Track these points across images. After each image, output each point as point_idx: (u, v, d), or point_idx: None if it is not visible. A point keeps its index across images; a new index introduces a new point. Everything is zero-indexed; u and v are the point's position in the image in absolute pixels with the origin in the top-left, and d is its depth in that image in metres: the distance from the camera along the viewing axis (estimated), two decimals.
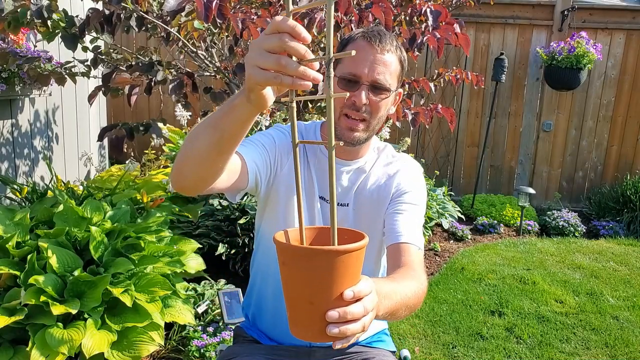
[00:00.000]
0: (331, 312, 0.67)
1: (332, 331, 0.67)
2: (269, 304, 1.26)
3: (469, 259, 3.49)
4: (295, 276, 0.68)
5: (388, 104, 1.12)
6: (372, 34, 1.07)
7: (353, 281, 0.68)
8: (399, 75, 1.12)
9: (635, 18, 4.73)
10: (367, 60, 1.06)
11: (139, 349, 1.82)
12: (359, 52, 1.06)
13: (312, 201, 1.19)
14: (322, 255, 0.65)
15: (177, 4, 1.49)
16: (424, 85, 2.47)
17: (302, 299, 0.68)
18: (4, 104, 2.78)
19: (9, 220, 2.01)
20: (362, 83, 1.07)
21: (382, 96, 1.08)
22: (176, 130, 3.81)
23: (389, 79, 1.08)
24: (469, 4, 3.01)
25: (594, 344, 2.46)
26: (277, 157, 1.16)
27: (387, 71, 1.07)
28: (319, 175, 1.20)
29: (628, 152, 4.98)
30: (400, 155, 1.27)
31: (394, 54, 1.09)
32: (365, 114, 1.09)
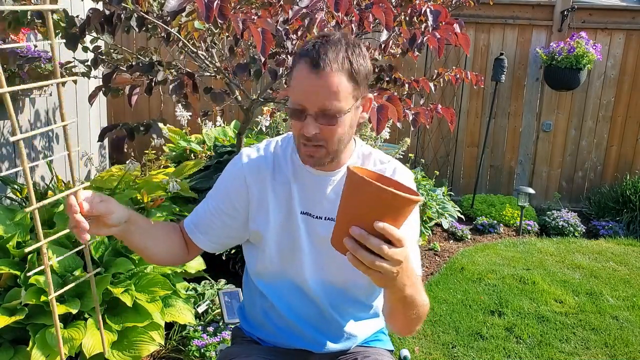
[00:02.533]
0: (355, 228, 0.78)
1: (347, 243, 0.79)
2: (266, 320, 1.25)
3: (468, 259, 3.49)
4: (353, 196, 0.80)
5: (345, 124, 1.03)
6: (312, 56, 0.98)
7: (393, 223, 0.78)
8: (352, 91, 1.01)
9: (635, 18, 4.74)
10: (310, 87, 0.98)
11: (140, 349, 1.83)
12: (302, 80, 0.99)
13: (291, 217, 1.15)
14: (385, 194, 0.76)
15: (177, 5, 1.49)
16: (423, 85, 2.48)
17: (349, 213, 0.81)
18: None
19: (10, 220, 2.01)
20: (308, 113, 1.00)
21: (332, 122, 1.00)
22: (176, 130, 3.81)
23: (337, 102, 0.99)
24: (468, 4, 3.01)
25: (594, 344, 2.46)
26: (239, 197, 1.16)
27: (332, 95, 0.98)
28: (301, 190, 1.15)
29: (628, 152, 4.99)
30: (390, 162, 1.20)
31: (340, 71, 0.98)
32: (320, 143, 1.03)
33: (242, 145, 2.73)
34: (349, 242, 0.79)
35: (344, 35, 1.02)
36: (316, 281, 1.16)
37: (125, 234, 1.03)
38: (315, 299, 1.17)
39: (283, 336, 1.23)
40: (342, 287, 1.17)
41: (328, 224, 1.14)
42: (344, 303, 1.20)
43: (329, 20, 2.00)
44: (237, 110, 4.70)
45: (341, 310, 1.20)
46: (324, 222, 1.14)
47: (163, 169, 3.30)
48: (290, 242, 1.15)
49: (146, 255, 1.13)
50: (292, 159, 1.17)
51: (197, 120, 3.92)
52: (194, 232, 1.19)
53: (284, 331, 1.22)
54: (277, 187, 1.15)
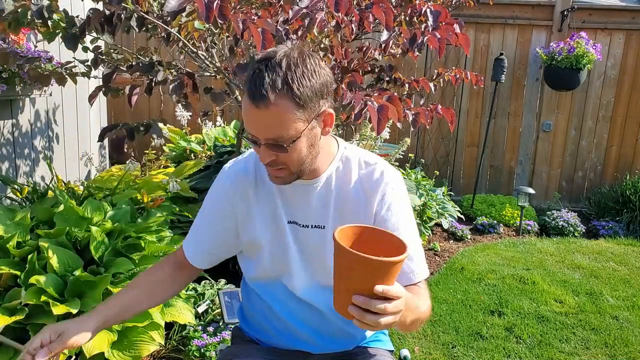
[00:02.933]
0: (357, 296, 0.81)
1: (352, 311, 0.81)
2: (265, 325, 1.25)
3: (468, 259, 3.49)
4: (345, 267, 0.82)
5: (300, 148, 0.99)
6: (250, 88, 0.93)
7: (387, 283, 0.82)
8: (300, 115, 0.95)
9: (634, 18, 4.74)
10: (255, 121, 0.96)
11: (140, 349, 1.83)
12: (246, 112, 0.96)
13: (280, 227, 1.14)
14: (374, 262, 0.79)
15: (177, 5, 1.49)
16: (423, 85, 2.48)
17: (345, 282, 0.84)
18: (5, 104, 2.78)
19: (10, 220, 2.01)
20: (259, 143, 0.98)
21: (283, 151, 0.97)
22: (176, 130, 3.82)
23: (283, 131, 0.95)
24: (468, 4, 3.02)
25: (594, 344, 2.46)
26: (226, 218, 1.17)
27: (276, 126, 0.94)
28: (285, 200, 1.14)
29: (627, 152, 4.99)
30: (377, 163, 1.15)
31: (281, 99, 0.92)
32: (281, 167, 1.02)
33: (242, 145, 2.73)
34: (354, 310, 0.81)
35: (288, 54, 0.95)
36: (309, 287, 1.16)
37: (104, 328, 1.13)
38: (310, 301, 1.17)
39: (282, 338, 1.23)
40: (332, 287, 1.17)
41: (316, 232, 1.13)
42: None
43: (329, 20, 2.00)
44: (237, 110, 4.70)
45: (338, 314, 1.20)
46: (311, 230, 1.13)
47: (163, 169, 3.30)
48: (281, 251, 1.15)
49: (138, 314, 1.22)
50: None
51: (197, 120, 3.92)
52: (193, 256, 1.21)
53: (283, 333, 1.22)
54: (261, 200, 1.15)
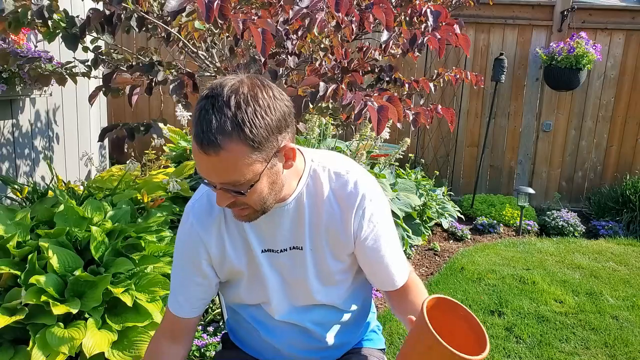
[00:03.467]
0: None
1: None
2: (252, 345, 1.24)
3: (468, 259, 3.49)
4: (426, 348, 0.85)
5: (261, 188, 0.92)
6: (197, 132, 0.84)
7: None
8: (256, 157, 0.87)
9: (635, 18, 4.74)
10: (204, 167, 0.88)
11: (140, 349, 1.83)
12: (197, 157, 0.87)
13: (254, 259, 1.09)
14: (458, 358, 0.82)
15: (178, 5, 1.49)
16: (423, 85, 2.48)
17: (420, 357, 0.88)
18: (5, 104, 2.78)
19: (10, 220, 2.01)
20: (215, 186, 0.91)
21: (241, 194, 0.90)
22: (177, 130, 3.81)
23: (238, 176, 0.87)
24: (468, 4, 3.02)
25: (594, 344, 2.46)
26: (202, 262, 1.10)
27: (230, 172, 0.86)
28: (255, 229, 1.07)
29: (627, 152, 4.99)
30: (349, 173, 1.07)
31: (230, 144, 0.83)
32: (242, 206, 0.95)
33: None
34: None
35: (236, 89, 0.85)
36: (289, 311, 1.14)
37: None
38: (294, 322, 1.15)
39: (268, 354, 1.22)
40: (316, 304, 1.15)
41: (294, 254, 1.09)
42: (322, 318, 1.17)
43: (329, 20, 2.00)
44: None
45: (323, 324, 1.17)
46: (289, 253, 1.09)
47: (163, 169, 3.30)
48: (258, 281, 1.11)
49: None
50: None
51: None
52: (190, 310, 1.13)
53: (269, 352, 1.21)
54: (232, 233, 1.08)
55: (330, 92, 1.82)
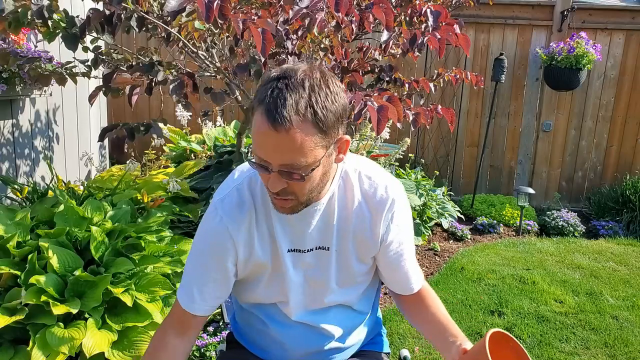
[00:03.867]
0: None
1: None
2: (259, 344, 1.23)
3: (468, 259, 3.49)
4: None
5: (315, 177, 0.92)
6: (269, 110, 0.84)
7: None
8: (320, 141, 0.88)
9: (635, 18, 4.74)
10: (269, 144, 0.86)
11: (140, 349, 1.83)
12: (260, 135, 0.86)
13: (278, 257, 1.07)
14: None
15: (178, 5, 1.49)
16: (423, 85, 2.48)
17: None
18: (5, 104, 2.78)
19: (10, 220, 2.01)
20: (271, 169, 0.89)
21: (296, 178, 0.89)
22: (177, 130, 3.82)
23: (302, 158, 0.87)
24: (468, 4, 3.02)
25: (594, 344, 2.46)
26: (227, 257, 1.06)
27: (295, 152, 0.86)
28: (284, 226, 1.06)
29: (627, 152, 4.99)
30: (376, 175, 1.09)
31: (303, 123, 0.84)
32: (289, 196, 0.94)
33: (242, 145, 2.73)
34: None
35: (308, 74, 0.87)
36: (305, 311, 1.14)
37: None
38: (307, 322, 1.15)
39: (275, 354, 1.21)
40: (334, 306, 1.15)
41: (319, 254, 1.08)
42: (337, 319, 1.17)
43: (329, 20, 2.00)
44: (237, 110, 4.70)
45: (336, 324, 1.18)
46: (315, 253, 1.08)
47: (163, 169, 3.30)
48: (279, 281, 1.10)
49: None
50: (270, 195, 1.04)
51: (197, 120, 3.92)
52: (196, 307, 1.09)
53: (277, 352, 1.20)
54: (261, 230, 1.06)
55: None
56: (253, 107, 0.90)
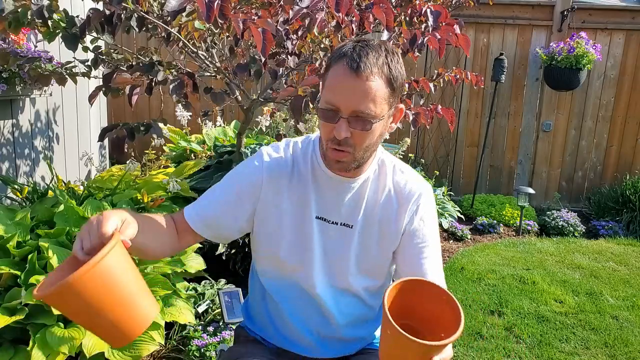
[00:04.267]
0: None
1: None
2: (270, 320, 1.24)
3: (468, 259, 3.49)
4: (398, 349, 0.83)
5: (376, 131, 1.00)
6: (352, 58, 0.95)
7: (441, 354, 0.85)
8: (388, 97, 0.98)
9: (635, 18, 4.74)
10: (346, 89, 0.95)
11: (140, 349, 1.83)
12: (338, 81, 0.96)
13: (305, 221, 1.12)
14: (433, 348, 0.81)
15: (178, 4, 1.49)
16: (423, 85, 2.48)
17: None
18: (5, 104, 2.78)
19: (10, 220, 2.01)
20: (341, 116, 0.96)
21: (366, 127, 0.97)
22: (176, 130, 3.82)
23: (373, 107, 0.96)
24: (468, 4, 3.02)
25: (594, 344, 2.46)
26: (250, 196, 1.11)
27: (369, 99, 0.95)
28: (318, 194, 1.12)
29: (627, 152, 4.99)
30: (409, 171, 1.17)
31: (379, 76, 0.95)
32: (349, 148, 1.00)
33: (242, 145, 2.73)
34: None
35: (383, 42, 1.01)
36: (325, 285, 1.15)
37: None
38: (322, 303, 1.16)
39: (284, 342, 1.23)
40: (350, 291, 1.17)
41: (343, 230, 1.13)
42: (350, 306, 1.19)
43: (329, 20, 2.00)
44: (237, 110, 4.70)
45: (346, 315, 1.20)
46: (339, 228, 1.13)
47: (163, 169, 3.30)
48: (302, 246, 1.12)
49: (142, 253, 1.07)
50: (312, 162, 1.13)
51: (197, 120, 3.92)
52: (197, 224, 1.11)
53: (284, 336, 1.22)
54: (293, 190, 1.12)
55: None
56: (329, 65, 1.00)
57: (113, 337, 0.82)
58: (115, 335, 0.81)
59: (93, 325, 0.82)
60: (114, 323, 0.80)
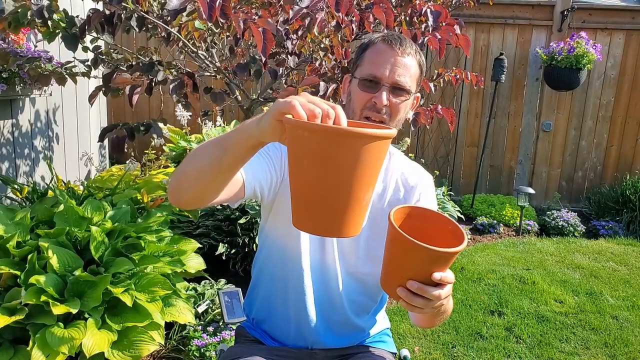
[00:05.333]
0: (412, 282, 0.81)
1: (401, 293, 0.82)
2: (276, 306, 1.25)
3: (468, 259, 3.49)
4: (402, 253, 0.81)
5: (407, 106, 1.12)
6: (393, 38, 1.09)
7: (443, 270, 0.81)
8: (418, 79, 1.12)
9: (635, 18, 4.74)
10: (388, 62, 1.07)
11: (140, 349, 1.83)
12: (380, 55, 1.08)
13: None
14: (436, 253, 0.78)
15: (179, 4, 1.49)
16: (423, 85, 2.47)
17: (399, 266, 0.82)
18: (5, 104, 2.78)
19: (10, 220, 2.01)
20: (382, 84, 1.07)
21: (402, 98, 1.09)
22: (176, 130, 3.81)
23: (409, 82, 1.09)
24: (468, 4, 3.02)
25: (594, 344, 2.46)
26: (283, 165, 1.13)
27: (407, 73, 1.08)
28: None
29: (627, 152, 4.99)
30: (414, 165, 1.26)
31: (414, 57, 1.10)
32: (385, 116, 1.09)
33: None
34: (403, 292, 0.82)
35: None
36: (339, 268, 1.18)
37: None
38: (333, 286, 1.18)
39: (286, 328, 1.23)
40: (360, 277, 1.19)
41: None
42: (355, 292, 1.21)
43: (329, 20, 2.00)
44: (237, 110, 4.70)
45: (351, 301, 1.21)
46: None
47: (163, 168, 3.30)
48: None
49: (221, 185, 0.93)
50: None
51: (197, 120, 3.92)
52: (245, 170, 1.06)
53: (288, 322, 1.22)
54: None
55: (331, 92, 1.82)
56: (365, 46, 1.12)
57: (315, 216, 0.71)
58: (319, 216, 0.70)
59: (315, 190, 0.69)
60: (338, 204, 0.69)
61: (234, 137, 0.81)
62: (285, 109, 0.69)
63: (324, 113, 0.69)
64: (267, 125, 0.73)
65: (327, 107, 0.70)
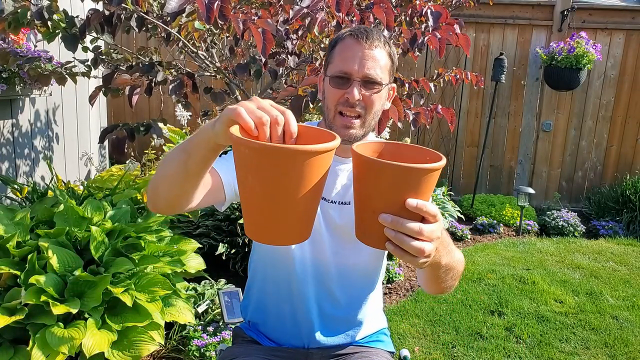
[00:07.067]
0: (386, 215, 0.70)
1: (388, 233, 0.71)
2: (271, 306, 1.25)
3: (468, 259, 3.49)
4: (367, 181, 0.72)
5: (382, 98, 1.12)
6: (359, 32, 1.08)
7: (421, 197, 0.71)
8: (389, 69, 1.12)
9: (635, 18, 4.74)
10: (357, 56, 1.07)
11: (140, 349, 1.83)
12: (348, 50, 1.07)
13: None
14: (404, 170, 0.68)
15: (178, 6, 1.49)
16: (423, 85, 2.48)
17: (369, 201, 0.72)
18: (5, 104, 2.78)
19: (10, 220, 2.01)
20: (353, 79, 1.07)
21: (374, 90, 1.08)
22: (176, 130, 3.81)
23: (380, 73, 1.08)
24: (468, 4, 3.02)
25: (594, 344, 2.46)
26: None
27: (377, 65, 1.07)
28: None
29: (627, 152, 4.99)
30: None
31: (383, 48, 1.09)
32: (359, 109, 1.09)
33: None
34: (389, 232, 0.71)
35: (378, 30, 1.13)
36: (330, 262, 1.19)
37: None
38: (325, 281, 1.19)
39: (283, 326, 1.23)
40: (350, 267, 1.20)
41: (340, 208, 1.17)
42: (350, 287, 1.21)
43: (330, 20, 2.00)
44: None
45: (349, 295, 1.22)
46: (336, 206, 1.17)
47: None
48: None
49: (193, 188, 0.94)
50: None
51: (197, 120, 3.92)
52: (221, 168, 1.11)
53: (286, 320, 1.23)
54: None
55: None
56: (334, 44, 1.12)
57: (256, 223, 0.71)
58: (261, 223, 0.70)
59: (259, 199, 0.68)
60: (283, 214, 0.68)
61: (195, 140, 0.82)
62: (232, 116, 0.69)
63: (272, 120, 0.69)
64: (220, 131, 0.74)
65: (276, 113, 0.69)
